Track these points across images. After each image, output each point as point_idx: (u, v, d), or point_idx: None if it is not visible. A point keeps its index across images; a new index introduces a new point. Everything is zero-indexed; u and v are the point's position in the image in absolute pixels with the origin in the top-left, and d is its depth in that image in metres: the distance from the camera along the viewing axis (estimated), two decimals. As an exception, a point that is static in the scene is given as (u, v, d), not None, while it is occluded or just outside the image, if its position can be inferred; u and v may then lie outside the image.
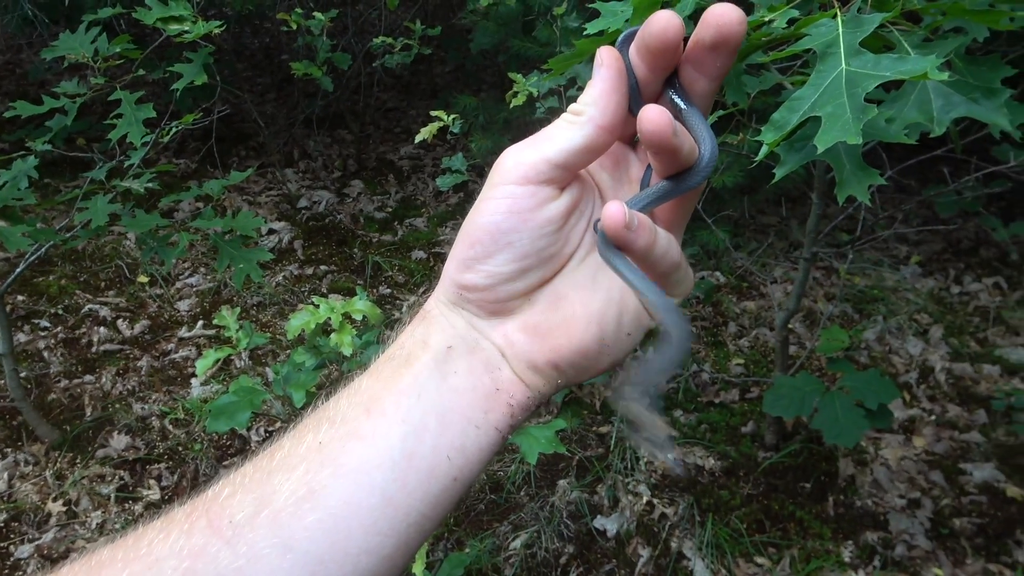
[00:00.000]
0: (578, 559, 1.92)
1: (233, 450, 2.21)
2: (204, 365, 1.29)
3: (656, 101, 0.43)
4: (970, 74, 0.76)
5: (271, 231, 3.24)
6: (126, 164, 1.71)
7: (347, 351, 1.10)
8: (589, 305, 0.45)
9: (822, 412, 1.85)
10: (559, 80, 2.14)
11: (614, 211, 0.38)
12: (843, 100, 0.56)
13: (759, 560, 1.91)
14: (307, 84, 4.17)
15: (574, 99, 0.45)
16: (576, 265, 0.46)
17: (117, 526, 1.95)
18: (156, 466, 2.14)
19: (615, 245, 0.40)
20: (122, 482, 2.08)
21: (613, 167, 0.47)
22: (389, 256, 3.15)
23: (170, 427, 2.27)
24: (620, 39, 0.44)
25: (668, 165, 0.41)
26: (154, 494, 2.05)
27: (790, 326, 2.86)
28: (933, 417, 2.42)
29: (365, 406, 0.42)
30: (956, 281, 3.21)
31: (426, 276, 3.04)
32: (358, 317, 1.17)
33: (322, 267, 3.07)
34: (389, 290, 2.97)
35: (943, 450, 2.30)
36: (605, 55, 0.42)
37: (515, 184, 0.42)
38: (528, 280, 0.44)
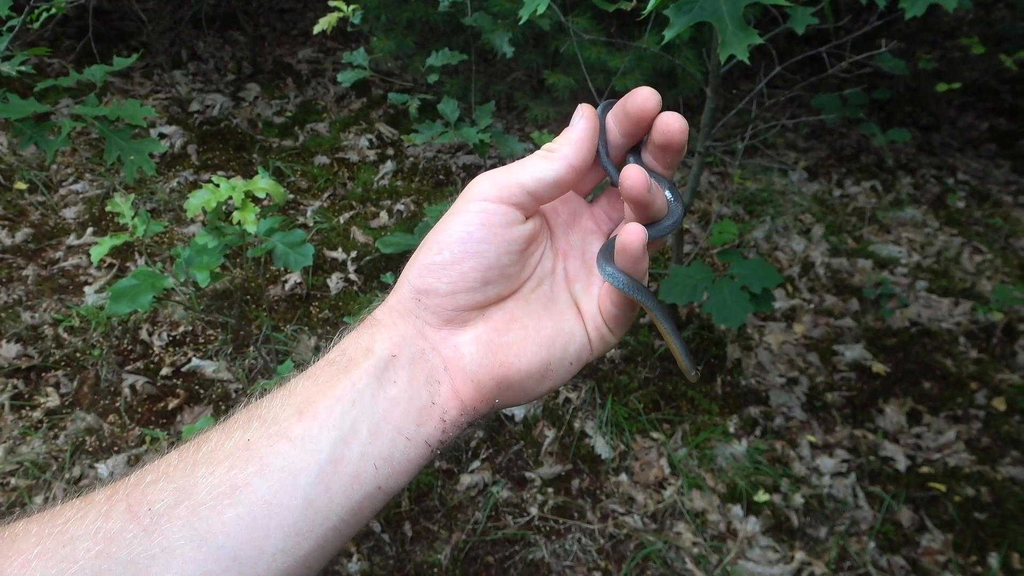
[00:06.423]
0: (488, 442, 2.02)
1: (135, 355, 2.15)
2: (99, 252, 1.25)
3: (623, 164, 0.50)
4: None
5: (161, 135, 3.07)
6: (-7, 48, 1.57)
7: (251, 228, 1.09)
8: (540, 331, 0.49)
9: (712, 297, 1.97)
10: (462, -30, 2.09)
11: (638, 231, 0.45)
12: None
13: (654, 435, 2.06)
14: (193, -21, 3.88)
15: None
16: (528, 293, 0.50)
17: (15, 433, 1.89)
18: (53, 373, 2.07)
19: (626, 262, 0.46)
20: (16, 391, 2.01)
21: (569, 216, 0.53)
22: (291, 161, 3.06)
23: (65, 335, 2.19)
24: (601, 107, 0.51)
25: (642, 216, 0.47)
26: (53, 401, 1.99)
27: (687, 226, 3.00)
28: (812, 306, 2.63)
29: (298, 408, 0.43)
30: (838, 184, 3.43)
31: (329, 181, 2.98)
32: (261, 196, 1.16)
33: (219, 172, 2.95)
34: (292, 195, 2.91)
35: (819, 335, 2.51)
36: (587, 111, 0.48)
37: (489, 201, 0.46)
38: (487, 292, 0.47)
